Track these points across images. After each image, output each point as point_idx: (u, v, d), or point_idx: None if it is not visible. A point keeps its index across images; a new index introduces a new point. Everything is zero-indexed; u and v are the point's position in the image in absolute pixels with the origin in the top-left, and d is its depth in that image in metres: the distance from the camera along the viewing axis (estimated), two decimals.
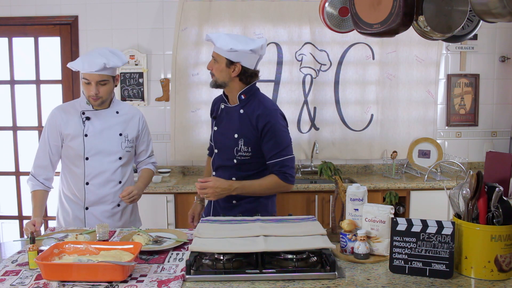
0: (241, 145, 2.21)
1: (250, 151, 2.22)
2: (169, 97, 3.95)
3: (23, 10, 3.91)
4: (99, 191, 2.37)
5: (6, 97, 4.05)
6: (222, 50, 2.14)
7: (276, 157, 2.20)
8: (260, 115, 2.18)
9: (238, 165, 2.25)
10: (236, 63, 2.16)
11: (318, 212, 3.48)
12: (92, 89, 2.29)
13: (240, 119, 2.23)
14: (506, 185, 1.81)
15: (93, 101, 2.34)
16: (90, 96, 2.32)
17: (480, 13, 1.61)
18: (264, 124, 2.18)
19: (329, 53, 3.91)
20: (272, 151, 2.19)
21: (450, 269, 1.56)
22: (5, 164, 4.11)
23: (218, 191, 2.16)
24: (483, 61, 4.08)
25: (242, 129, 2.22)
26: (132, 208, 2.55)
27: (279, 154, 2.19)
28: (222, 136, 2.31)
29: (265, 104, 2.25)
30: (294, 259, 1.64)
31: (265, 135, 2.19)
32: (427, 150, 3.97)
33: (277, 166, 2.20)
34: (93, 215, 2.39)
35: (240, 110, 2.24)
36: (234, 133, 2.23)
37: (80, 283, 1.52)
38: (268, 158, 2.22)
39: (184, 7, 3.78)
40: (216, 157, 2.37)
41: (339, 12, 2.33)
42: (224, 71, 2.18)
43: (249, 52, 2.15)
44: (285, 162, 2.20)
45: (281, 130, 2.22)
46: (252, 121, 2.20)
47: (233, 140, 2.23)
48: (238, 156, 2.23)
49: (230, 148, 2.25)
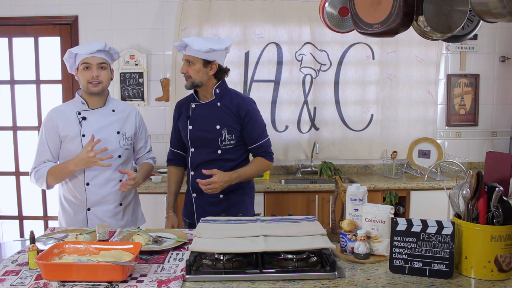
0: (225, 134, 2.38)
1: (234, 139, 2.40)
2: (169, 97, 3.95)
3: (23, 10, 3.91)
4: (100, 191, 2.37)
5: (6, 97, 4.05)
6: (200, 52, 2.30)
7: (258, 140, 2.43)
8: (239, 104, 2.40)
9: (222, 156, 2.39)
10: (212, 62, 2.35)
11: (318, 212, 3.48)
12: (94, 72, 2.31)
13: (220, 111, 2.39)
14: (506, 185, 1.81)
15: (93, 87, 2.32)
16: (91, 80, 2.31)
17: (480, 13, 1.61)
18: (245, 112, 2.39)
19: (329, 53, 3.91)
20: (254, 135, 2.42)
21: (450, 269, 1.56)
22: (5, 164, 4.11)
23: (222, 184, 2.30)
24: (483, 61, 4.08)
25: (223, 120, 2.38)
26: (134, 207, 2.55)
27: (260, 137, 2.44)
28: (201, 131, 2.41)
29: (240, 94, 2.50)
30: (294, 259, 1.64)
31: (247, 122, 2.40)
32: (427, 150, 3.97)
33: (262, 148, 2.45)
34: (96, 215, 2.38)
35: (217, 103, 2.40)
36: (216, 124, 2.38)
37: (80, 283, 1.52)
38: (252, 142, 2.43)
39: (184, 7, 3.78)
40: (195, 155, 2.45)
41: (339, 12, 2.33)
42: (201, 71, 2.35)
43: (223, 51, 2.39)
44: (267, 143, 2.47)
45: (259, 115, 2.47)
46: (233, 110, 2.38)
47: (215, 131, 2.38)
48: (223, 146, 2.39)
49: (213, 140, 2.38)
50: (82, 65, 2.31)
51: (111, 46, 2.40)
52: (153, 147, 2.71)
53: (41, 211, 4.13)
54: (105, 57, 2.36)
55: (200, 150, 2.43)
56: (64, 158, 2.37)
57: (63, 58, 2.39)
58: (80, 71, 2.33)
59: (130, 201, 2.51)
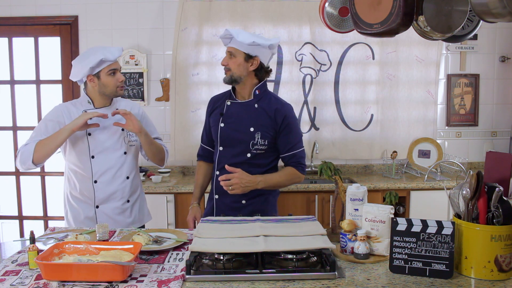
0: (258, 138, 2.27)
1: (267, 144, 2.29)
2: (169, 97, 3.95)
3: (23, 10, 3.91)
4: (107, 188, 2.38)
5: (6, 97, 4.05)
6: (243, 44, 2.22)
7: (293, 149, 2.32)
8: (278, 109, 2.29)
9: (250, 160, 2.28)
10: (254, 57, 2.24)
11: (318, 212, 3.48)
12: (121, 76, 2.35)
13: (256, 113, 2.29)
14: (506, 185, 1.80)
15: (121, 90, 2.38)
16: (121, 83, 2.36)
17: (480, 13, 1.61)
18: (283, 118, 2.28)
19: (329, 53, 3.91)
20: (289, 143, 2.31)
21: (450, 269, 1.56)
22: (5, 164, 4.12)
23: (244, 183, 2.19)
24: (483, 61, 4.08)
25: (259, 123, 2.28)
26: (140, 204, 2.56)
27: (295, 146, 2.33)
28: (233, 131, 2.31)
29: (281, 99, 2.38)
30: (294, 259, 1.64)
31: (283, 129, 2.29)
32: (427, 150, 3.97)
33: (295, 158, 2.33)
34: (104, 213, 2.39)
35: (255, 104, 2.30)
36: (250, 126, 2.27)
37: (80, 283, 1.52)
38: (285, 151, 2.33)
39: (184, 7, 3.78)
40: (222, 154, 2.35)
41: (339, 12, 2.33)
42: (242, 65, 2.25)
43: (267, 48, 2.26)
44: (301, 154, 2.35)
45: (297, 124, 2.37)
46: (270, 114, 2.28)
47: (248, 133, 2.28)
48: (254, 149, 2.28)
49: (245, 142, 2.28)
50: (109, 70, 2.32)
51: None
52: None
53: (41, 211, 4.13)
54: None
55: (229, 150, 2.33)
56: (70, 159, 2.39)
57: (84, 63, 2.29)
58: (105, 75, 2.32)
59: (137, 198, 2.53)
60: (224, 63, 2.28)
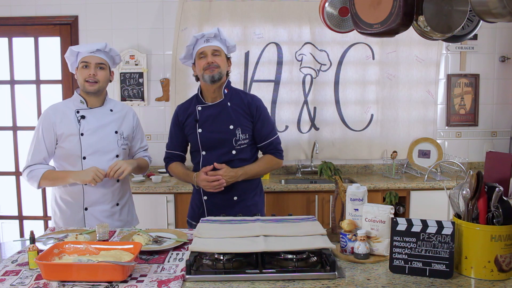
0: (239, 133, 2.35)
1: (248, 138, 2.37)
2: (169, 97, 3.95)
3: (23, 10, 3.91)
4: (97, 190, 2.36)
5: (6, 97, 4.05)
6: (228, 45, 2.35)
7: (269, 137, 2.42)
8: (249, 102, 2.38)
9: (237, 156, 2.35)
10: (229, 58, 2.40)
11: (318, 212, 3.49)
12: (91, 70, 2.31)
13: (232, 111, 2.35)
14: (506, 185, 1.80)
15: (89, 86, 2.32)
16: (88, 78, 2.31)
17: (480, 13, 1.60)
18: (256, 109, 2.38)
19: (329, 53, 3.91)
20: (265, 132, 2.41)
21: (450, 269, 1.56)
22: (5, 164, 4.12)
23: (227, 179, 2.29)
24: (483, 61, 4.08)
25: (236, 119, 2.35)
26: (129, 207, 2.55)
27: (271, 134, 2.43)
28: (213, 133, 2.35)
29: (248, 93, 2.51)
30: (294, 259, 1.64)
31: (258, 120, 2.38)
32: (427, 150, 3.97)
33: (272, 145, 2.43)
34: (93, 215, 2.38)
35: (228, 103, 2.37)
36: (229, 125, 2.34)
37: (80, 283, 1.52)
38: (262, 140, 2.41)
39: (184, 7, 3.78)
40: (207, 158, 2.37)
41: (339, 12, 2.33)
42: (225, 64, 2.36)
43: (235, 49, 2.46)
44: (277, 140, 2.45)
45: (268, 113, 2.46)
46: (245, 109, 2.37)
47: (229, 132, 2.34)
48: (238, 145, 2.35)
49: (227, 141, 2.34)
50: (81, 63, 2.33)
51: (112, 47, 2.41)
52: (153, 147, 2.72)
53: (41, 211, 4.13)
54: (105, 57, 2.37)
55: (213, 152, 2.36)
56: (61, 158, 2.37)
57: (65, 55, 2.39)
58: (79, 69, 2.34)
59: (126, 202, 2.52)
60: (211, 60, 2.29)
